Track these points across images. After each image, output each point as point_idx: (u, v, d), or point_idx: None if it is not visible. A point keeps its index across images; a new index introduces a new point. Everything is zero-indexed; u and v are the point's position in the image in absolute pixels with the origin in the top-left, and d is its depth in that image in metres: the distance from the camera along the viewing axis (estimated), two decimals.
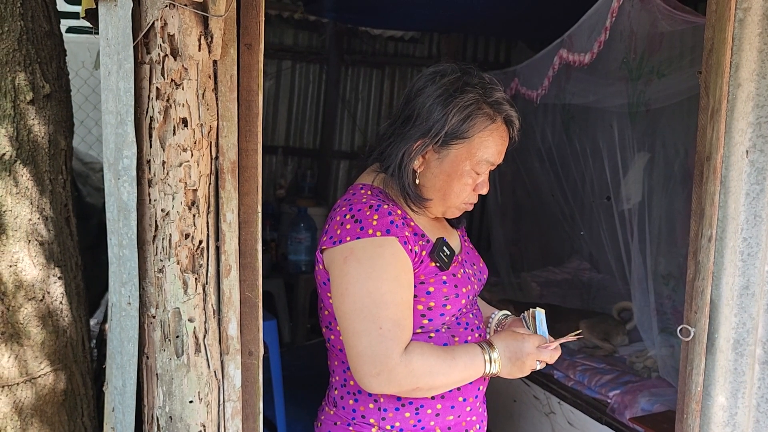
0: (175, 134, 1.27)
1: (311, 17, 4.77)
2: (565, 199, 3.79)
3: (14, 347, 1.90)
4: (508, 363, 1.43)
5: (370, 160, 1.56)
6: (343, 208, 1.43)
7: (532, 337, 1.46)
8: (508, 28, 4.47)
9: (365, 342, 1.34)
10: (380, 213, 1.38)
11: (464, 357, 1.41)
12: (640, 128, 2.88)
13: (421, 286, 1.42)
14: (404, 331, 1.36)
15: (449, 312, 1.45)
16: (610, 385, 2.76)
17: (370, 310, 1.33)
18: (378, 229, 1.36)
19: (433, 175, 1.46)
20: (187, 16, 1.23)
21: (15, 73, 1.86)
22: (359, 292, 1.35)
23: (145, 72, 1.26)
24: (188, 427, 1.34)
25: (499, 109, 1.44)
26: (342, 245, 1.37)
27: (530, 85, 3.23)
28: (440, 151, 1.43)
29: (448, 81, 1.44)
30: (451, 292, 1.45)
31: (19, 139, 1.87)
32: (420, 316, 1.44)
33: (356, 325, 1.35)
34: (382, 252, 1.35)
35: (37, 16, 1.92)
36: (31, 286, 1.92)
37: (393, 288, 1.35)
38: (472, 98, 1.42)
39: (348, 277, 1.36)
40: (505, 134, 1.47)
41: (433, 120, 1.41)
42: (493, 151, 1.45)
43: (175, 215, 1.29)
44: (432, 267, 1.43)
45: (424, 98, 1.44)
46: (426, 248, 1.43)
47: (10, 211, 1.87)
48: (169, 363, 1.33)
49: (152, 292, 1.33)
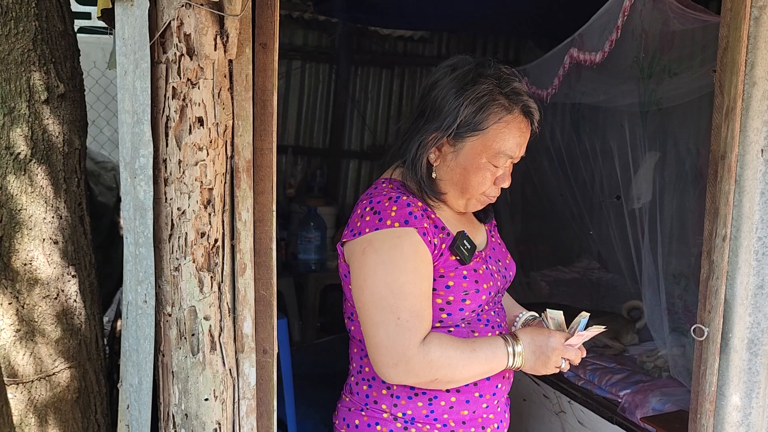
0: (191, 133, 1.28)
1: (321, 17, 4.78)
2: (574, 199, 3.78)
3: (29, 345, 1.92)
4: (532, 357, 1.42)
5: (389, 157, 1.56)
6: (364, 201, 1.45)
7: (558, 333, 1.45)
8: (517, 27, 4.46)
9: (383, 332, 1.35)
10: (399, 204, 1.38)
11: (486, 349, 1.40)
12: (651, 127, 2.87)
13: (440, 280, 1.42)
14: (423, 322, 1.36)
15: (468, 307, 1.44)
16: (620, 384, 2.75)
17: (389, 300, 1.34)
18: (396, 220, 1.36)
19: (449, 168, 1.44)
20: (203, 16, 1.24)
21: (30, 73, 1.88)
22: (378, 283, 1.36)
23: (161, 71, 1.27)
24: (204, 425, 1.35)
25: (515, 100, 1.41)
26: (361, 237, 1.38)
27: (540, 84, 3.22)
28: (455, 144, 1.42)
29: (461, 73, 1.42)
30: (471, 287, 1.43)
31: (34, 139, 1.89)
32: (439, 310, 1.43)
33: (375, 315, 1.36)
34: (401, 243, 1.36)
35: (51, 16, 1.94)
36: (46, 285, 1.94)
37: (411, 279, 1.35)
38: (485, 89, 1.39)
39: (366, 268, 1.37)
40: (525, 126, 1.44)
41: (445, 112, 1.40)
42: (511, 144, 1.42)
43: (191, 214, 1.30)
44: (452, 261, 1.42)
45: (437, 91, 1.43)
46: (446, 241, 1.43)
47: (25, 210, 1.89)
48: (185, 361, 1.34)
49: (168, 291, 1.34)
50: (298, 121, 5.33)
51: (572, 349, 1.43)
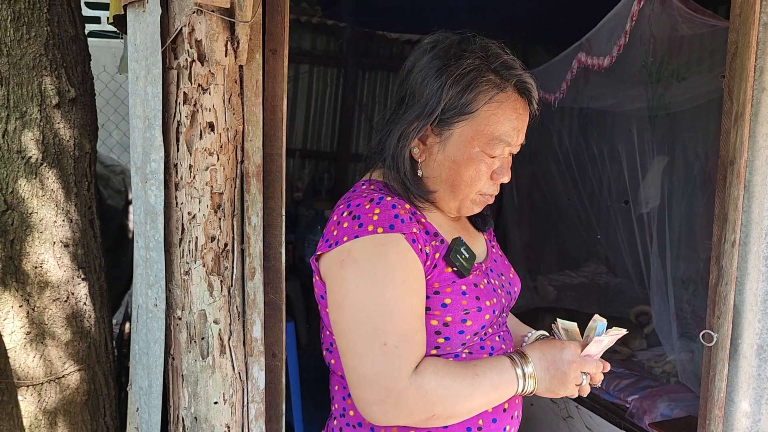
0: (201, 138, 1.28)
1: (329, 21, 4.79)
2: (582, 203, 3.77)
3: (40, 347, 1.93)
4: (546, 376, 1.18)
5: (369, 157, 1.34)
6: (341, 205, 1.21)
7: (573, 343, 1.21)
8: (524, 31, 4.46)
9: (367, 362, 1.10)
10: (382, 206, 1.15)
11: (491, 373, 1.16)
12: (659, 132, 2.86)
13: (435, 297, 1.18)
14: (415, 348, 1.12)
15: (470, 329, 1.20)
16: (628, 389, 2.74)
17: (373, 322, 1.10)
18: (379, 225, 1.13)
19: (437, 163, 1.22)
20: (214, 22, 1.24)
21: (41, 78, 1.89)
22: (359, 300, 1.12)
23: (172, 77, 1.28)
24: (213, 428, 1.35)
25: (507, 75, 1.19)
26: (338, 247, 1.14)
27: (548, 89, 3.22)
28: (441, 133, 1.20)
29: (441, 49, 1.21)
30: (471, 305, 1.19)
31: (45, 143, 1.90)
32: (434, 334, 1.19)
33: (356, 341, 1.12)
34: (385, 251, 1.12)
35: (63, 21, 1.95)
36: (56, 288, 1.95)
37: (400, 294, 1.11)
38: (470, 64, 1.17)
39: (345, 283, 1.13)
40: (521, 106, 1.21)
41: (426, 96, 1.19)
42: (507, 128, 1.19)
43: (201, 218, 1.31)
44: (448, 273, 1.19)
45: (416, 73, 1.22)
46: (440, 250, 1.19)
47: (36, 213, 1.90)
48: (195, 364, 1.35)
49: (178, 294, 1.34)
50: (306, 125, 5.35)
51: (591, 361, 1.20)
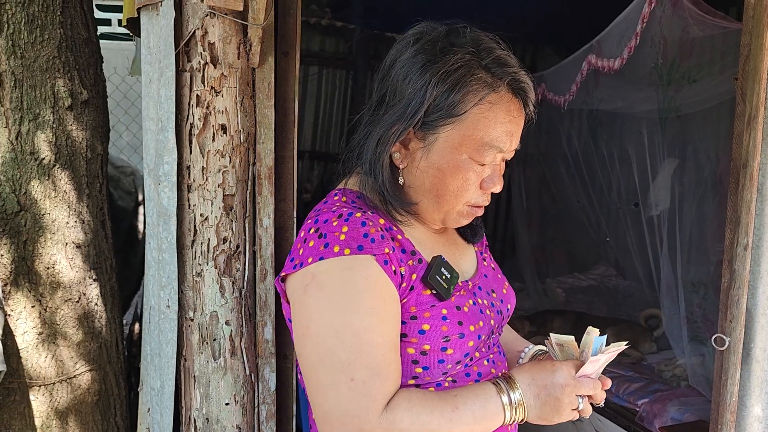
0: (214, 140, 1.29)
1: (338, 23, 4.81)
2: (591, 205, 3.77)
3: (51, 348, 1.94)
4: (537, 402, 1.05)
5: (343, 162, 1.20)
6: (309, 221, 1.09)
7: (565, 364, 1.08)
8: (535, 33, 4.46)
9: (332, 398, 1.00)
10: (351, 224, 1.03)
11: (472, 403, 1.04)
12: (670, 134, 2.86)
13: (412, 323, 1.06)
14: (385, 382, 1.01)
15: (451, 358, 1.08)
16: (638, 393, 2.73)
17: (338, 355, 0.99)
18: (347, 246, 1.01)
19: (420, 170, 1.09)
20: (227, 25, 1.25)
21: (55, 80, 1.90)
22: (323, 331, 1.01)
23: (185, 79, 1.29)
24: (224, 429, 1.35)
25: (500, 73, 1.06)
26: (303, 269, 1.03)
27: (557, 91, 3.22)
28: (425, 138, 1.07)
29: (426, 43, 1.07)
30: (453, 331, 1.07)
31: (57, 144, 1.91)
32: (411, 363, 1.07)
33: (320, 376, 1.01)
34: (352, 276, 1.01)
35: (75, 24, 1.96)
36: (68, 288, 1.96)
37: (368, 324, 1.00)
38: (459, 60, 1.04)
39: (309, 311, 1.02)
40: (516, 108, 1.09)
41: (408, 95, 1.05)
42: (499, 132, 1.06)
43: (214, 220, 1.31)
44: (427, 296, 1.07)
45: (397, 70, 1.08)
46: (418, 271, 1.08)
47: (49, 215, 1.91)
48: (207, 365, 1.35)
49: (190, 296, 1.35)
50: (315, 127, 5.36)
51: (588, 382, 1.07)
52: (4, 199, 1.84)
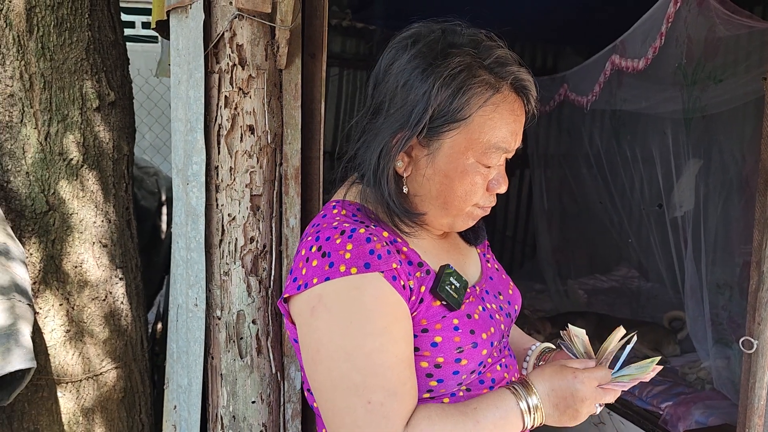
0: (242, 141, 1.30)
1: (359, 24, 4.82)
2: (614, 206, 3.74)
3: (78, 345, 1.97)
4: (555, 412, 1.04)
5: (341, 169, 1.17)
6: (310, 237, 1.05)
7: (587, 373, 1.04)
8: (556, 33, 4.43)
9: (350, 422, 0.97)
10: (355, 240, 1.00)
11: (493, 414, 1.01)
12: (694, 134, 2.83)
13: (423, 336, 1.04)
14: (403, 402, 0.98)
15: (465, 368, 1.06)
16: (662, 396, 2.71)
17: (352, 378, 0.97)
18: (353, 264, 0.98)
19: (425, 178, 1.06)
20: (255, 27, 1.26)
21: (83, 82, 1.93)
22: (335, 355, 0.98)
23: (214, 81, 1.30)
24: (251, 427, 1.37)
25: (502, 73, 1.04)
26: (308, 290, 1.00)
27: (580, 91, 3.21)
28: (429, 144, 1.04)
29: (424, 45, 1.03)
30: (466, 341, 1.05)
31: (85, 145, 1.94)
32: (426, 377, 1.05)
33: (335, 401, 0.98)
34: (361, 295, 0.98)
35: (103, 26, 1.99)
36: (95, 287, 1.99)
37: (381, 345, 0.97)
38: (460, 62, 1.01)
39: (318, 334, 0.99)
40: (519, 106, 1.07)
41: (411, 102, 1.02)
42: (504, 133, 1.04)
43: (241, 220, 1.32)
44: (437, 307, 1.05)
45: (395, 75, 1.04)
46: (426, 282, 1.05)
47: (77, 214, 1.94)
48: (234, 364, 1.37)
49: (218, 295, 1.36)
50: (336, 128, 5.38)
51: (609, 393, 1.05)
52: (34, 199, 1.87)
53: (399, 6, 4.04)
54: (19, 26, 1.81)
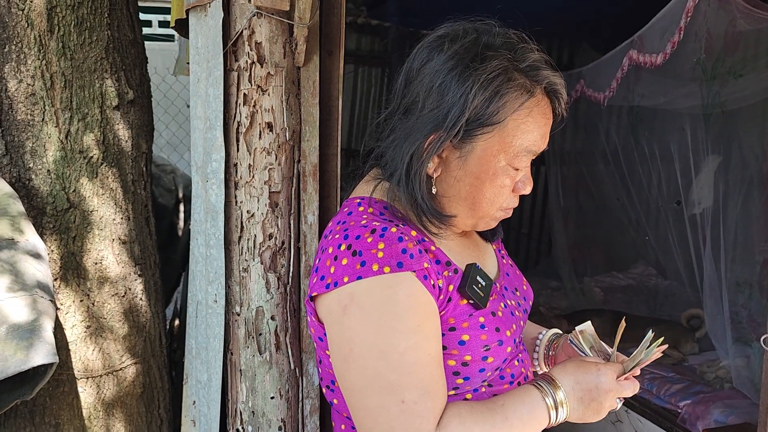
0: (260, 138, 1.31)
1: (374, 22, 4.83)
2: (631, 203, 3.71)
3: (99, 341, 2.00)
4: (580, 406, 1.05)
5: (366, 165, 1.18)
6: (337, 234, 1.05)
7: (608, 367, 1.07)
8: (572, 29, 4.41)
9: (383, 421, 0.98)
10: (387, 240, 1.00)
11: (521, 411, 1.03)
12: (713, 130, 2.80)
13: (450, 334, 1.05)
14: (436, 399, 1.00)
15: (491, 365, 1.08)
16: (680, 394, 2.68)
17: (386, 377, 0.97)
18: (386, 264, 0.98)
19: (455, 179, 1.07)
20: (273, 25, 1.27)
21: (102, 80, 1.95)
22: (368, 354, 0.98)
23: (233, 79, 1.31)
24: (270, 423, 1.38)
25: (536, 77, 1.05)
26: (338, 289, 1.00)
27: (597, 87, 3.18)
28: (462, 147, 1.05)
29: (461, 47, 1.04)
30: (492, 339, 1.06)
31: (105, 143, 1.96)
32: (452, 375, 1.06)
33: (368, 400, 0.99)
34: (394, 294, 0.98)
35: (122, 25, 2.01)
36: (115, 283, 2.01)
37: (415, 343, 0.98)
38: (498, 66, 1.02)
39: (351, 333, 1.00)
40: (548, 110, 1.08)
41: (447, 104, 1.02)
42: (535, 136, 1.06)
43: (260, 216, 1.33)
44: (464, 306, 1.06)
45: (429, 76, 1.04)
46: (454, 281, 1.06)
47: (96, 211, 1.96)
48: (252, 359, 1.38)
49: (237, 291, 1.37)
50: (350, 125, 5.39)
51: (630, 386, 1.07)
52: (55, 196, 1.89)
53: (413, 3, 4.04)
54: (40, 26, 1.83)
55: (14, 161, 1.86)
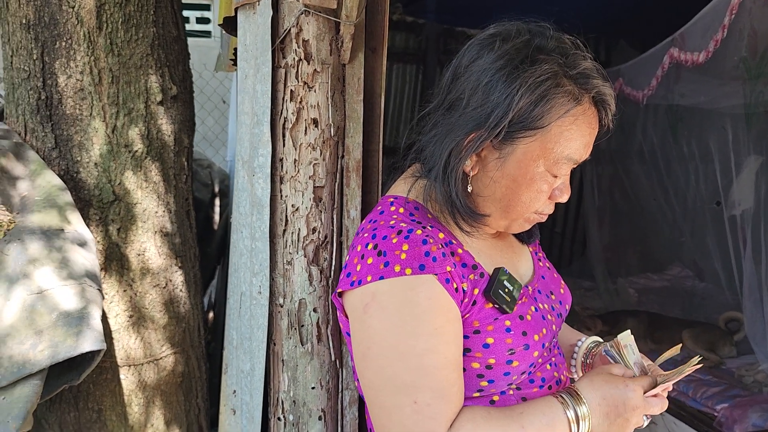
0: (306, 134, 1.33)
1: (409, 18, 4.83)
2: (668, 203, 3.66)
3: (141, 330, 2.05)
4: (605, 421, 1.02)
5: (407, 160, 1.18)
6: (366, 233, 1.06)
7: (637, 382, 1.04)
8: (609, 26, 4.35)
9: (396, 420, 0.98)
10: (411, 242, 1.00)
11: (539, 421, 1.01)
12: (756, 130, 2.75)
13: (475, 337, 1.04)
14: (450, 404, 0.99)
15: (517, 369, 1.06)
16: (717, 397, 2.65)
17: (402, 377, 0.98)
18: (408, 265, 0.99)
19: (492, 180, 1.06)
20: (321, 23, 1.29)
21: (147, 76, 1.99)
22: (386, 353, 0.99)
23: (280, 75, 1.33)
24: (310, 412, 1.40)
25: (586, 85, 1.03)
26: (362, 287, 1.01)
27: (635, 86, 3.15)
28: (502, 148, 1.04)
29: (512, 47, 1.02)
30: (518, 343, 1.05)
31: (149, 137, 2.01)
32: (477, 377, 1.06)
33: (384, 398, 1.00)
34: (415, 297, 0.98)
35: (167, 22, 2.05)
36: (156, 274, 2.06)
37: (432, 346, 0.98)
38: (548, 70, 1.00)
39: (371, 332, 1.01)
40: (595, 120, 1.06)
41: (491, 104, 1.01)
42: (578, 145, 1.04)
43: (304, 211, 1.36)
44: (489, 309, 1.05)
45: (477, 73, 1.03)
46: (479, 285, 1.06)
47: (140, 204, 2.01)
48: (295, 350, 1.40)
49: (281, 283, 1.40)
50: (385, 122, 5.39)
51: (658, 403, 1.04)
52: (101, 189, 1.95)
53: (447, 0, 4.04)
54: (89, 23, 1.88)
55: (63, 154, 1.92)
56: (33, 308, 1.59)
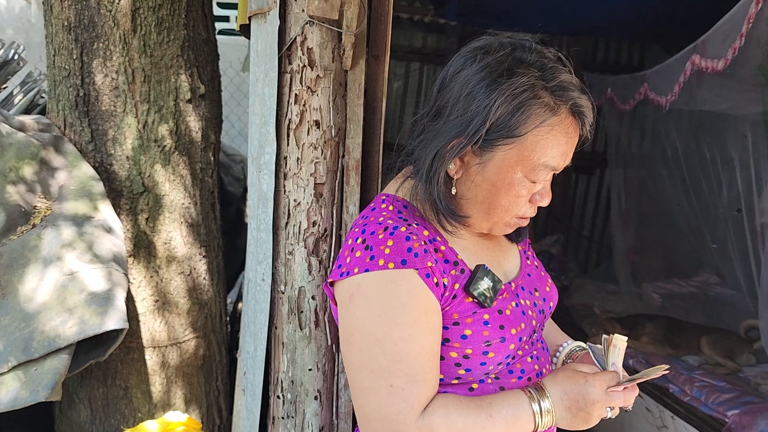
0: (309, 134, 1.43)
1: (440, 20, 4.90)
2: (691, 209, 3.64)
3: (165, 315, 2.18)
4: (567, 414, 1.10)
5: (399, 161, 1.25)
6: (357, 229, 1.14)
7: (597, 378, 1.11)
8: (641, 29, 4.33)
9: (373, 401, 1.07)
10: (396, 238, 1.08)
11: (505, 411, 1.09)
12: None
13: (454, 328, 1.12)
14: (423, 388, 1.07)
15: (493, 360, 1.13)
16: (728, 404, 2.65)
17: (379, 362, 1.06)
18: (391, 260, 1.06)
19: (473, 184, 1.13)
20: (324, 32, 1.39)
21: (177, 76, 2.11)
22: (366, 339, 1.07)
23: (286, 80, 1.44)
24: (307, 392, 1.51)
25: (563, 97, 1.08)
26: (349, 278, 1.10)
27: (660, 91, 3.15)
28: (482, 154, 1.10)
29: (494, 60, 1.08)
30: (494, 335, 1.12)
31: (177, 134, 2.13)
32: (455, 366, 1.14)
33: (362, 380, 1.08)
34: (396, 289, 1.06)
35: (197, 25, 2.17)
36: (181, 262, 2.18)
37: (409, 334, 1.06)
38: (525, 83, 1.06)
39: (354, 319, 1.09)
40: (573, 129, 1.11)
41: (471, 113, 1.07)
42: (555, 153, 1.09)
43: (305, 205, 1.46)
44: (468, 303, 1.12)
45: (460, 84, 1.10)
46: (460, 280, 1.13)
47: (168, 195, 2.13)
48: (294, 334, 1.51)
49: (282, 272, 1.50)
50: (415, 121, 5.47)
51: (618, 395, 1.10)
52: (132, 180, 2.08)
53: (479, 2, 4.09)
54: (125, 26, 2.01)
55: (98, 148, 2.06)
56: (64, 288, 1.72)
